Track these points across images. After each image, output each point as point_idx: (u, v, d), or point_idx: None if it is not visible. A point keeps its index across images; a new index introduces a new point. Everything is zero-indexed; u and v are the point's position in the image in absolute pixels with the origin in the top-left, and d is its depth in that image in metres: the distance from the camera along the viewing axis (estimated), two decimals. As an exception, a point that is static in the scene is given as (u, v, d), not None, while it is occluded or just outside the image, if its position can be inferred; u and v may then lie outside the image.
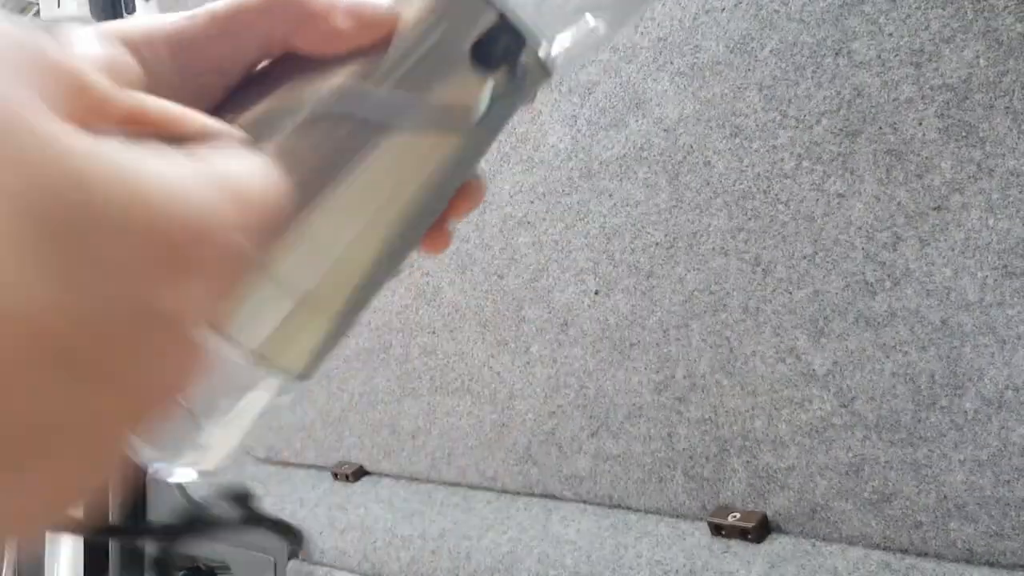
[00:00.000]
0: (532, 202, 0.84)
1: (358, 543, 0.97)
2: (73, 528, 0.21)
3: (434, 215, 0.27)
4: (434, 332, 0.95)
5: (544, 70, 0.27)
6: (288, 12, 0.24)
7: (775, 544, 0.71)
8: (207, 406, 0.24)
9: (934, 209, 0.60)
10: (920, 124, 0.60)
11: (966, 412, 0.61)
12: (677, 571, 0.73)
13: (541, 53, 0.26)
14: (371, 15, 0.25)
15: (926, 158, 0.60)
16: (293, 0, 0.25)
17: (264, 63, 0.26)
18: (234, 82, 0.25)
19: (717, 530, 0.74)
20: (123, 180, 0.15)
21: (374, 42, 0.25)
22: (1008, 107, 0.56)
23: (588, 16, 0.27)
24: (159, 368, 0.16)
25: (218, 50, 0.24)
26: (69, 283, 0.14)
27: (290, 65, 0.25)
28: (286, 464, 1.20)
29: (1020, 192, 0.57)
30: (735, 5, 0.67)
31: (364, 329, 1.02)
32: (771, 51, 0.66)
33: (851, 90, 0.63)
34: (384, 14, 0.25)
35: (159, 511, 1.15)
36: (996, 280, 0.59)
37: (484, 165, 0.88)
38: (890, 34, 0.60)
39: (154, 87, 0.22)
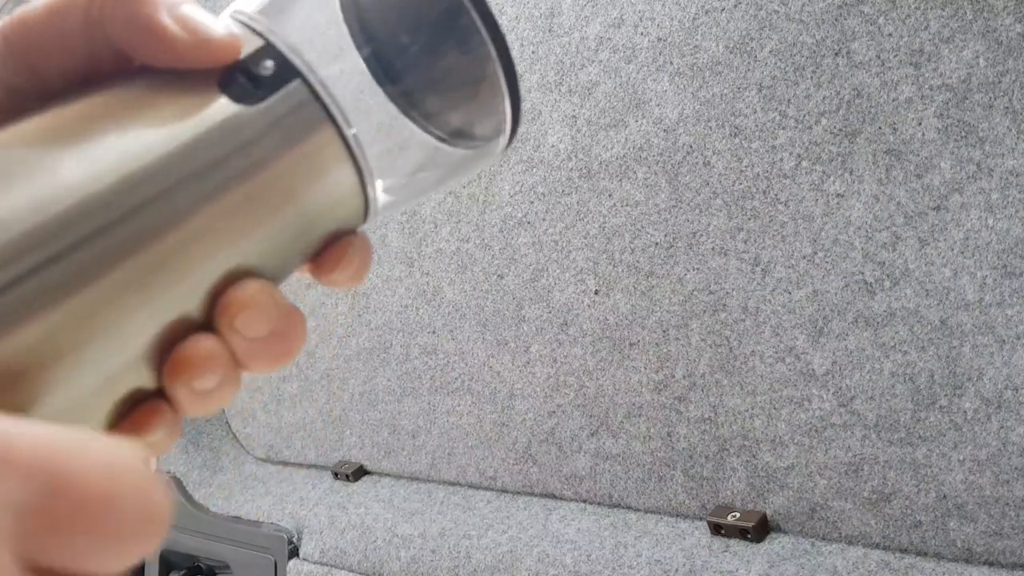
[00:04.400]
0: (532, 202, 0.84)
1: (358, 542, 0.97)
2: None
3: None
4: (434, 332, 0.95)
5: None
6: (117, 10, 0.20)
7: (774, 543, 0.71)
8: None
9: (933, 209, 0.61)
10: (919, 124, 0.60)
11: (965, 412, 0.61)
12: (676, 570, 0.73)
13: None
14: (208, 34, 0.21)
15: (925, 158, 0.60)
16: None
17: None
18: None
19: (717, 529, 0.74)
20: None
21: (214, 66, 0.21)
22: (1007, 107, 0.56)
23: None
24: None
25: (49, 44, 0.21)
26: None
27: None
28: (286, 464, 1.20)
29: (1019, 192, 0.57)
30: (735, 5, 0.67)
31: (364, 329, 1.02)
32: (770, 51, 0.66)
33: (850, 90, 0.63)
34: (226, 38, 0.21)
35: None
36: (995, 280, 0.59)
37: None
38: (889, 34, 0.60)
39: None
